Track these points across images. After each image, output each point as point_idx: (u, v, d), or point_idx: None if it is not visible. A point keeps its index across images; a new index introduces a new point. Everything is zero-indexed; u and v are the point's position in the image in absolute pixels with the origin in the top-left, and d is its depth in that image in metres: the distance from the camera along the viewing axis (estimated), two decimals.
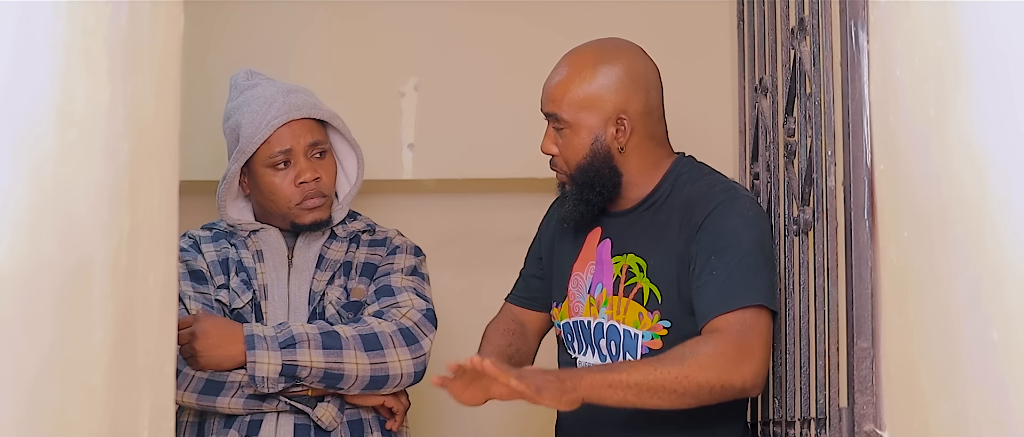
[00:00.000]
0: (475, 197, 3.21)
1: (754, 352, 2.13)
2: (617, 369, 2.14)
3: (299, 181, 2.50)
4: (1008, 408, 1.20)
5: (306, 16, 3.13)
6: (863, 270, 1.74)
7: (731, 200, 2.26)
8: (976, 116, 1.28)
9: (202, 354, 2.38)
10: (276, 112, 2.49)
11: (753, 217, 2.25)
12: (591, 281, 2.36)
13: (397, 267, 2.56)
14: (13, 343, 1.05)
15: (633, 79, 2.34)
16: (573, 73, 2.34)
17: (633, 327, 2.29)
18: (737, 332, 2.14)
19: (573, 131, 2.32)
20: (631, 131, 2.32)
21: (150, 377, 1.37)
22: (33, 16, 1.10)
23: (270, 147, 2.49)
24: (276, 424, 2.43)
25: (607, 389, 2.11)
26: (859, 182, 1.74)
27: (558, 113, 2.33)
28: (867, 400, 1.72)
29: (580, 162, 2.33)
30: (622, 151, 2.33)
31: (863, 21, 1.73)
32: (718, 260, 2.19)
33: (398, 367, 2.42)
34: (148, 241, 1.35)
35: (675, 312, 2.25)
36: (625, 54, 2.36)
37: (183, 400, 2.42)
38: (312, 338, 2.39)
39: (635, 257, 2.31)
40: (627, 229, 2.36)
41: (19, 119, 1.07)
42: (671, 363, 2.11)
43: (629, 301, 2.29)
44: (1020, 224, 1.16)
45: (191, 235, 2.60)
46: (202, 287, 2.52)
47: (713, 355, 2.11)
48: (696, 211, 2.26)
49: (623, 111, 2.32)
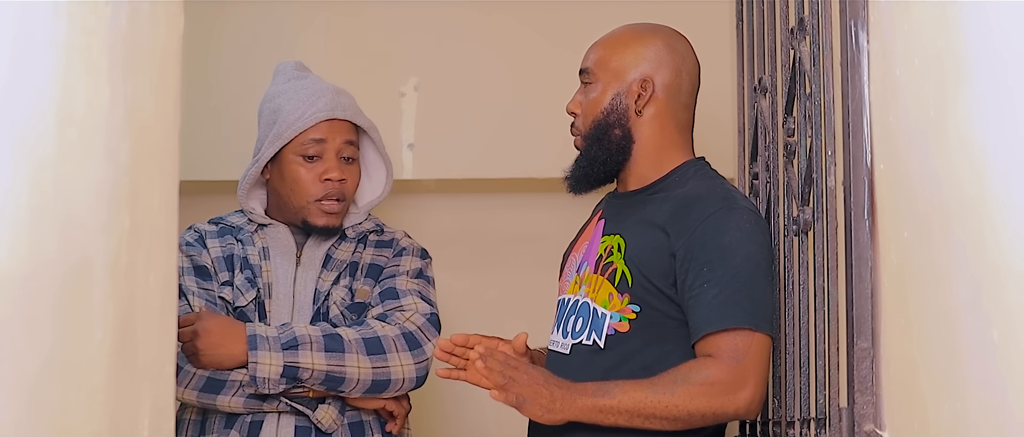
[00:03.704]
0: (475, 197, 3.21)
1: (748, 380, 2.12)
2: (610, 393, 2.13)
3: (325, 177, 2.52)
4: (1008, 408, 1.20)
5: (306, 16, 3.13)
6: (863, 270, 1.74)
7: (728, 209, 2.21)
8: (976, 116, 1.28)
9: (204, 352, 2.38)
10: (322, 105, 2.53)
11: (750, 230, 2.21)
12: (581, 260, 2.36)
13: (403, 269, 2.56)
14: (13, 343, 1.05)
15: (669, 53, 2.37)
16: (616, 34, 2.40)
17: (602, 306, 2.25)
18: (731, 358, 2.12)
19: (597, 84, 2.34)
20: (651, 98, 2.33)
21: (150, 377, 1.37)
22: (33, 16, 1.10)
23: (306, 136, 2.51)
24: (277, 425, 2.43)
25: (598, 414, 2.13)
26: (859, 182, 1.74)
27: (589, 67, 2.36)
28: (867, 400, 1.72)
29: (597, 116, 2.34)
30: (639, 114, 2.33)
31: (863, 21, 1.73)
32: (710, 272, 2.16)
33: (400, 372, 2.42)
34: (148, 241, 1.35)
35: (644, 297, 2.22)
36: (672, 34, 2.41)
37: (184, 397, 2.42)
38: (314, 340, 2.38)
39: (619, 238, 2.29)
40: (622, 210, 2.35)
41: (19, 119, 1.07)
42: (664, 390, 2.11)
43: (603, 279, 2.27)
44: (1020, 224, 1.16)
45: (196, 229, 2.60)
46: (206, 283, 2.52)
47: (705, 384, 2.11)
48: (691, 211, 2.22)
49: (650, 77, 2.34)
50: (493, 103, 3.13)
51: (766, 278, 2.20)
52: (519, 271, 2.82)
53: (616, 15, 3.07)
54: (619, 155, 2.34)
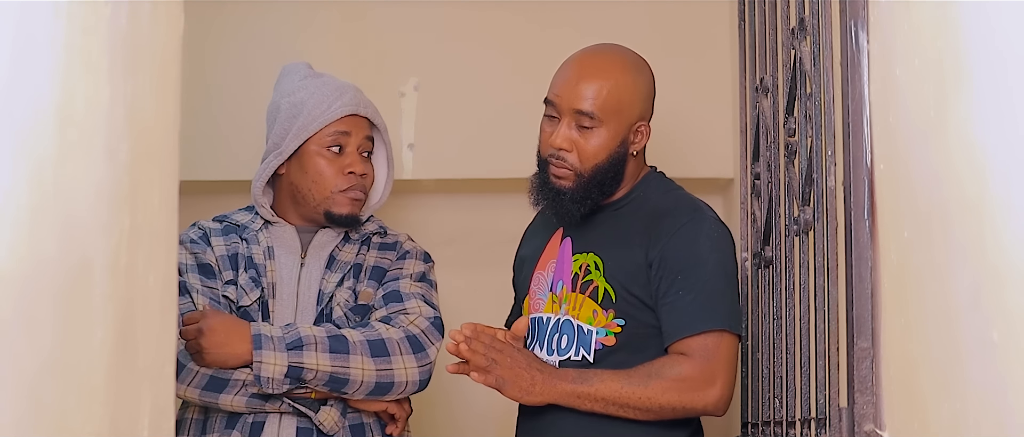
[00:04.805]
0: (475, 197, 3.21)
1: (717, 377, 2.28)
2: (588, 381, 2.28)
3: (348, 171, 2.55)
4: (1008, 408, 1.20)
5: (306, 16, 3.13)
6: (863, 270, 1.74)
7: (699, 221, 2.36)
8: (976, 116, 1.28)
9: (208, 351, 2.38)
10: (347, 100, 2.57)
11: (717, 238, 2.36)
12: (553, 279, 2.42)
13: (406, 272, 2.57)
14: (13, 343, 1.05)
15: (653, 90, 2.44)
16: (610, 74, 2.38)
17: (587, 323, 2.36)
18: (702, 357, 2.28)
19: (602, 131, 2.36)
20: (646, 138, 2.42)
21: (150, 377, 1.37)
22: (33, 16, 1.10)
23: (331, 128, 2.55)
24: (279, 426, 2.43)
25: (576, 399, 2.29)
26: (859, 182, 1.74)
27: (593, 112, 2.36)
28: (867, 400, 1.72)
29: (599, 162, 2.37)
30: (634, 156, 2.41)
31: (863, 21, 1.73)
32: (684, 280, 2.30)
33: (404, 374, 2.43)
34: (148, 241, 1.35)
35: (629, 311, 2.34)
36: (646, 64, 2.46)
37: (186, 395, 2.42)
38: (319, 341, 2.38)
39: (594, 256, 2.39)
40: (589, 230, 2.43)
41: (19, 119, 1.07)
42: (638, 382, 2.27)
43: (585, 298, 2.37)
44: (1020, 224, 1.16)
45: (201, 226, 2.60)
46: (210, 281, 2.51)
47: (677, 379, 2.27)
48: (663, 224, 2.34)
49: (645, 118, 2.41)
50: (493, 103, 3.13)
51: (732, 283, 2.36)
52: None
53: (616, 15, 3.07)
54: (612, 192, 2.43)
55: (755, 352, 2.36)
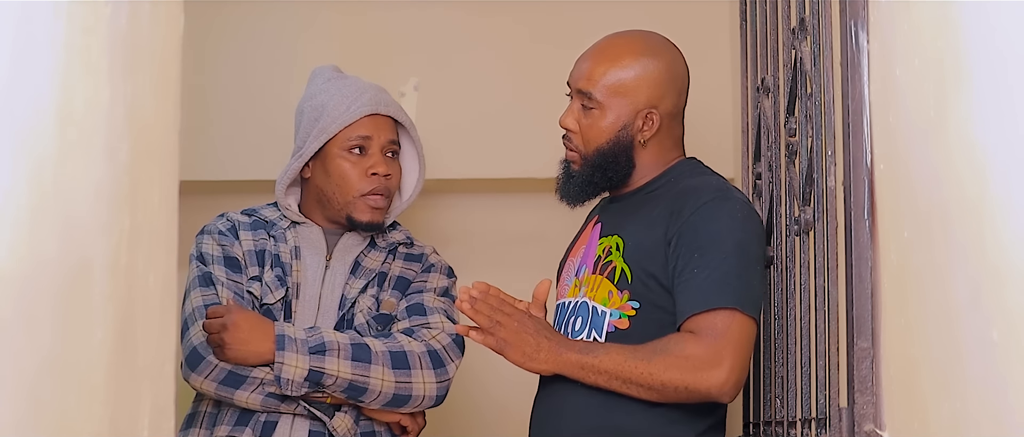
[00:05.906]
0: (476, 197, 3.21)
1: (724, 358, 2.14)
2: (594, 352, 2.20)
3: (371, 172, 2.53)
4: (1008, 408, 1.20)
5: (307, 16, 3.13)
6: (863, 270, 1.74)
7: (722, 199, 2.24)
8: (976, 116, 1.28)
9: (230, 346, 2.37)
10: (366, 101, 2.56)
11: (742, 219, 2.23)
12: (579, 264, 2.38)
13: (430, 286, 2.56)
14: (13, 343, 1.05)
15: (671, 78, 2.35)
16: (616, 56, 2.34)
17: (602, 305, 2.28)
18: (710, 336, 2.15)
19: (602, 113, 2.32)
20: (657, 128, 2.33)
21: (150, 377, 1.37)
22: (33, 16, 1.10)
23: (352, 130, 2.54)
24: (291, 428, 2.42)
25: (581, 370, 2.20)
26: (859, 182, 1.74)
27: (591, 92, 2.32)
28: (867, 400, 1.72)
29: (600, 146, 2.33)
30: (643, 145, 2.33)
31: (863, 21, 1.73)
32: (701, 258, 2.18)
33: (422, 389, 2.43)
34: (148, 241, 1.35)
35: (644, 293, 2.25)
36: (669, 52, 2.38)
37: (202, 387, 2.41)
38: (342, 348, 2.38)
39: (617, 238, 2.31)
40: (617, 213, 2.37)
41: (19, 119, 1.07)
42: (643, 357, 2.16)
43: (602, 278, 2.29)
44: (1020, 224, 1.16)
45: (230, 218, 2.58)
46: (235, 275, 2.50)
47: (681, 357, 2.15)
48: (686, 203, 2.25)
49: (655, 106, 2.32)
50: (493, 103, 3.13)
51: (756, 266, 2.22)
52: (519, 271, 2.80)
53: (616, 15, 3.07)
54: (621, 178, 2.37)
55: (756, 352, 2.35)
